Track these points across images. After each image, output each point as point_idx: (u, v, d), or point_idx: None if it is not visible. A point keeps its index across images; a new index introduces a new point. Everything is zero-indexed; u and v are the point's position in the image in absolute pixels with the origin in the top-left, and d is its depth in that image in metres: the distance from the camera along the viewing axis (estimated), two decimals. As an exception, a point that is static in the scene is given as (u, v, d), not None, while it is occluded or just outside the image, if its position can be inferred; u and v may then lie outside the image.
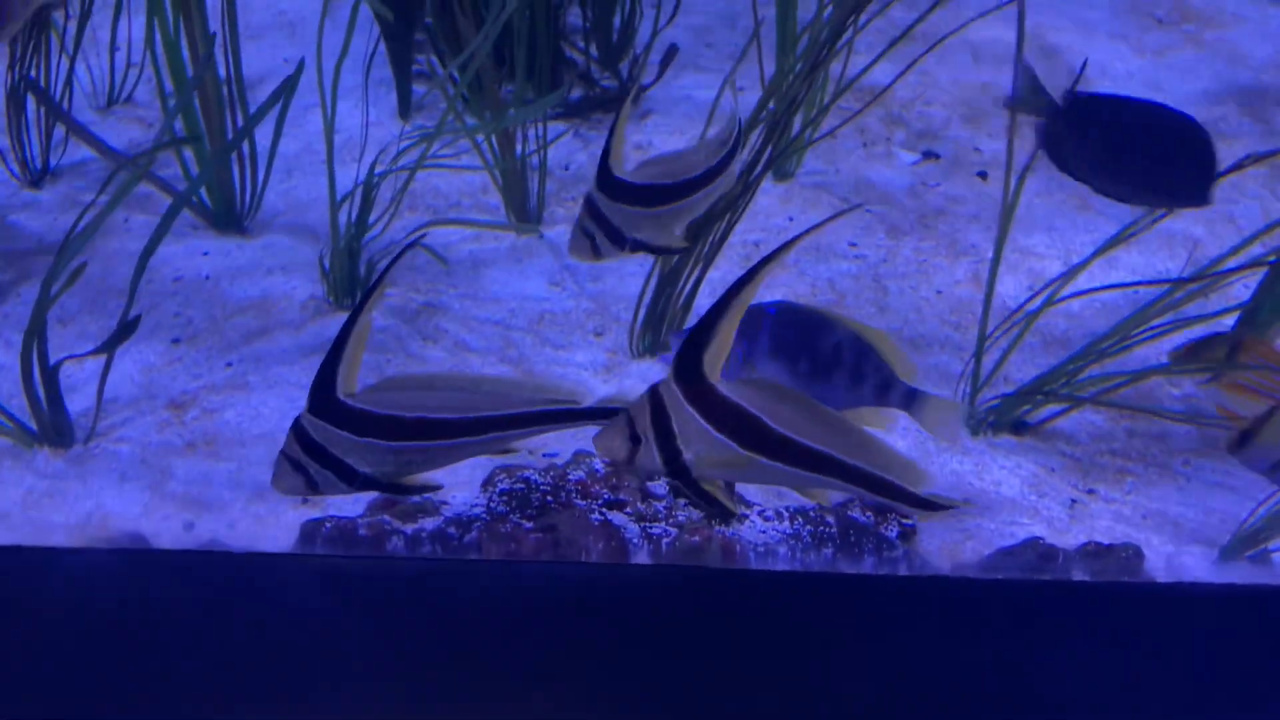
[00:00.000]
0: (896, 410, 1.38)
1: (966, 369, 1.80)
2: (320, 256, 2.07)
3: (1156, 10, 3.00)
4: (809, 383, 1.40)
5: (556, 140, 2.41)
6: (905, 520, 1.60)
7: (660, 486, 1.46)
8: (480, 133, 2.17)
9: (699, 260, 1.89)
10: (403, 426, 1.21)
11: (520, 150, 2.23)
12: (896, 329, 1.98)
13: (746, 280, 1.09)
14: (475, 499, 1.45)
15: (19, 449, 1.76)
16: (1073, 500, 1.67)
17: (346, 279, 2.06)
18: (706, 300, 1.89)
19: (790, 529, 1.47)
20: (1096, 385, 1.72)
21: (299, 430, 1.23)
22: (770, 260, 1.09)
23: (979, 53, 2.81)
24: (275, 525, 1.65)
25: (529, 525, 1.34)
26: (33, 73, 2.21)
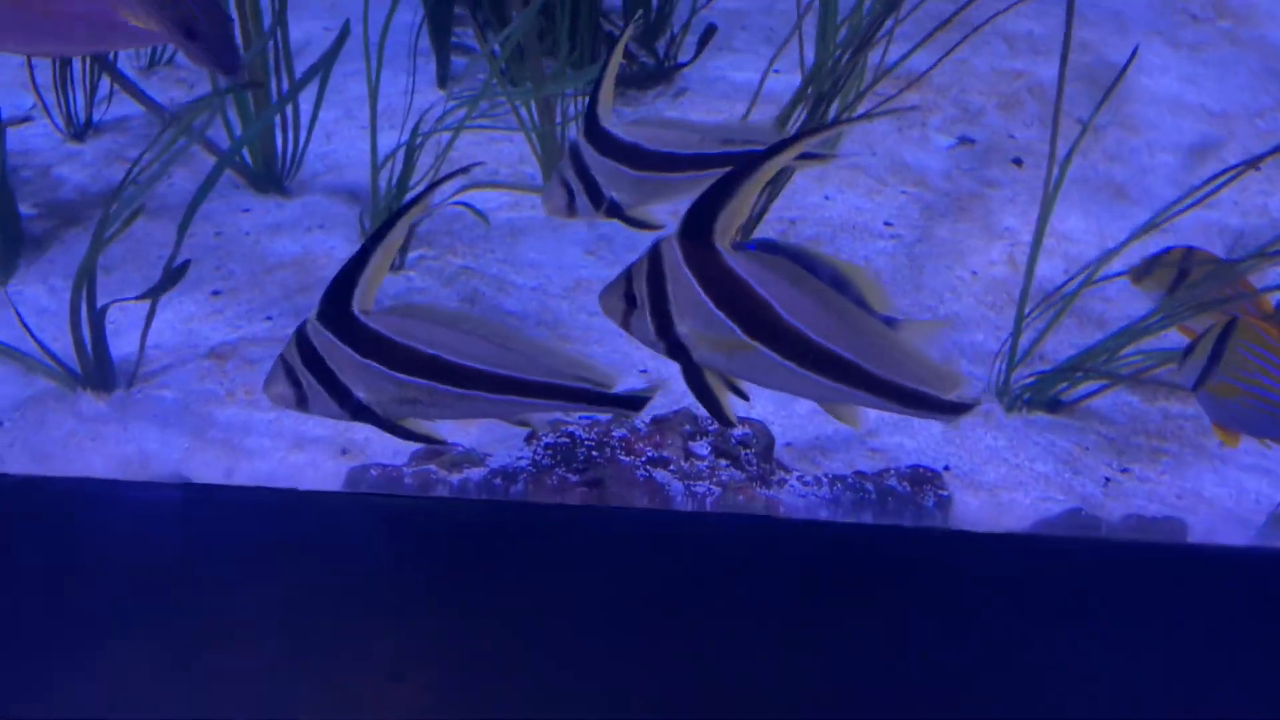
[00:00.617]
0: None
1: (1003, 347, 1.81)
2: (360, 215, 2.09)
3: (1191, 6, 3.01)
4: None
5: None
6: (941, 491, 1.62)
7: (703, 446, 1.47)
8: (521, 99, 2.18)
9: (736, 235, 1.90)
10: (413, 358, 1.11)
11: (559, 121, 2.25)
12: (932, 306, 1.99)
13: (781, 147, 0.97)
14: (520, 452, 1.46)
15: (63, 391, 1.78)
16: (1107, 479, 1.68)
17: (386, 240, 2.07)
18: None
19: (830, 494, 1.49)
20: (1132, 366, 1.74)
21: (300, 336, 1.14)
22: (812, 134, 0.99)
23: (1014, 42, 2.82)
24: (315, 474, 1.66)
25: (574, 479, 1.36)
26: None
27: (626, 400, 1.14)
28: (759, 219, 1.89)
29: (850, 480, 1.54)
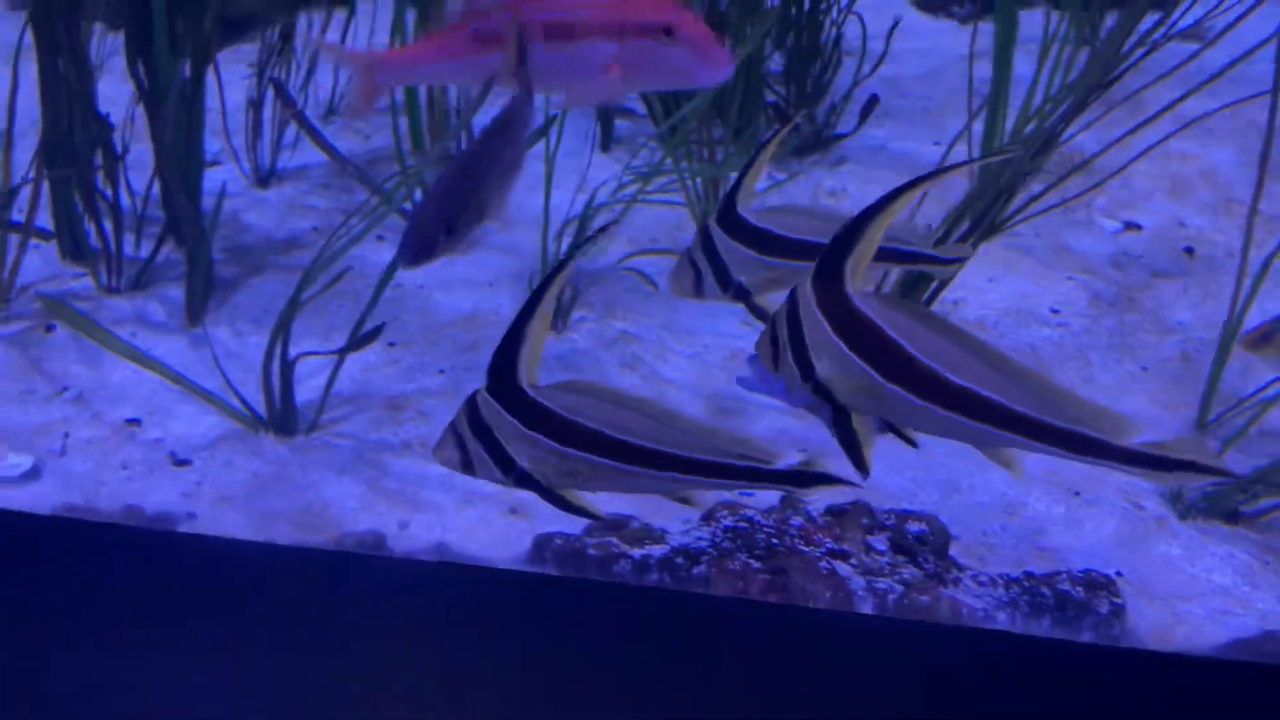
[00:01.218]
0: None
1: (1180, 451, 1.77)
2: (530, 276, 2.14)
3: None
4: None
5: (764, 193, 2.46)
6: (1115, 599, 1.58)
7: (880, 541, 1.47)
8: (692, 176, 2.23)
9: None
10: (575, 432, 1.16)
11: (721, 191, 2.29)
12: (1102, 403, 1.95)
13: (905, 189, 0.99)
14: (697, 532, 1.48)
15: (247, 433, 1.86)
16: (1290, 597, 1.62)
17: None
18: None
19: (1005, 596, 1.47)
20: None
21: (471, 405, 1.19)
22: (936, 176, 1.00)
23: (1184, 122, 2.76)
24: (487, 531, 1.71)
25: (757, 565, 1.37)
26: (275, 78, 2.35)
27: (794, 477, 1.14)
28: (929, 305, 1.89)
29: (1025, 583, 1.52)
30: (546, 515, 1.73)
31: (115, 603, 1.33)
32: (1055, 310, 2.17)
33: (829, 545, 1.42)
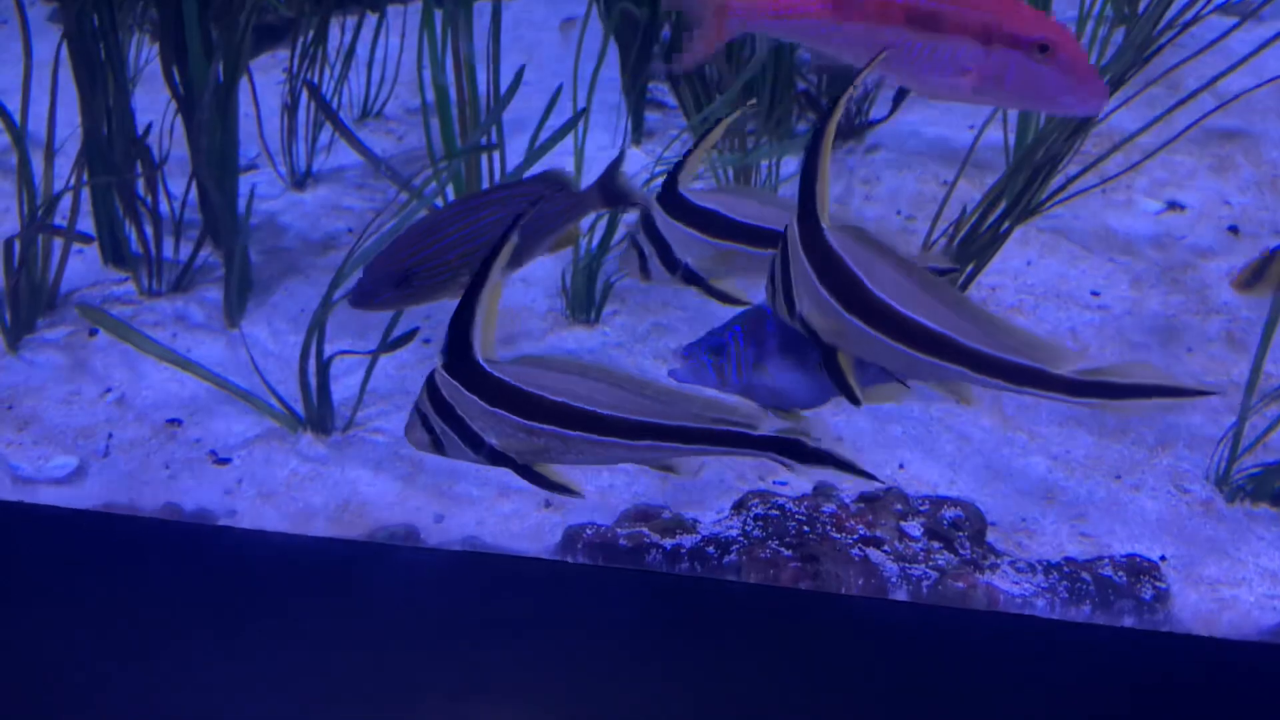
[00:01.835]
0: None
1: (1226, 434, 1.73)
2: (562, 272, 2.15)
3: None
4: (823, 371, 1.29)
5: (789, 179, 2.44)
6: (1159, 584, 1.55)
7: (915, 527, 1.45)
8: (724, 166, 2.22)
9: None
10: (538, 405, 1.12)
11: (755, 183, 2.27)
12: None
13: (828, 121, 1.00)
14: (728, 521, 1.47)
15: (285, 431, 1.88)
16: (1342, 581, 1.58)
17: (584, 295, 2.13)
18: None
19: (1045, 582, 1.45)
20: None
21: (430, 384, 1.16)
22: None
23: (1226, 98, 2.70)
24: (521, 524, 1.71)
25: (788, 554, 1.36)
26: (309, 81, 2.37)
27: (775, 443, 1.10)
28: (964, 289, 1.86)
29: (1065, 569, 1.49)
30: (579, 507, 1.74)
31: (158, 598, 1.35)
32: (1095, 293, 2.13)
33: (862, 532, 1.40)
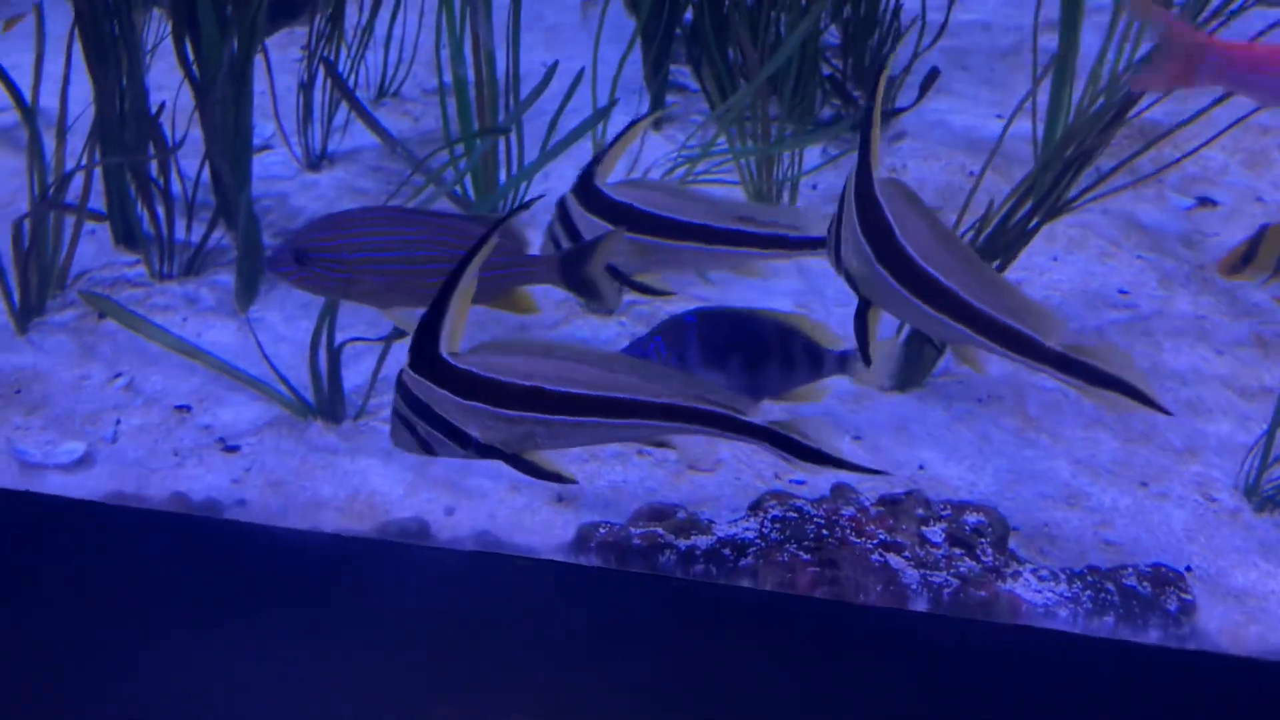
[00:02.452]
0: (836, 378, 1.32)
1: (1257, 442, 1.68)
2: (579, 259, 2.11)
3: None
4: (747, 376, 1.30)
5: (813, 171, 2.39)
6: (1185, 595, 1.51)
7: (936, 532, 1.42)
8: (747, 156, 2.18)
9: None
10: (511, 392, 1.10)
11: (777, 171, 2.23)
12: (1172, 389, 1.87)
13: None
14: (745, 522, 1.44)
15: (295, 419, 1.86)
16: (1374, 595, 1.54)
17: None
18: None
19: (1069, 592, 1.41)
20: None
21: (400, 385, 1.15)
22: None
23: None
24: (533, 519, 1.68)
25: (806, 557, 1.33)
26: (327, 59, 2.34)
27: (762, 431, 1.07)
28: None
29: (1089, 578, 1.46)
30: (591, 504, 1.71)
31: (166, 588, 1.33)
32: (1124, 291, 2.08)
33: (882, 536, 1.37)
